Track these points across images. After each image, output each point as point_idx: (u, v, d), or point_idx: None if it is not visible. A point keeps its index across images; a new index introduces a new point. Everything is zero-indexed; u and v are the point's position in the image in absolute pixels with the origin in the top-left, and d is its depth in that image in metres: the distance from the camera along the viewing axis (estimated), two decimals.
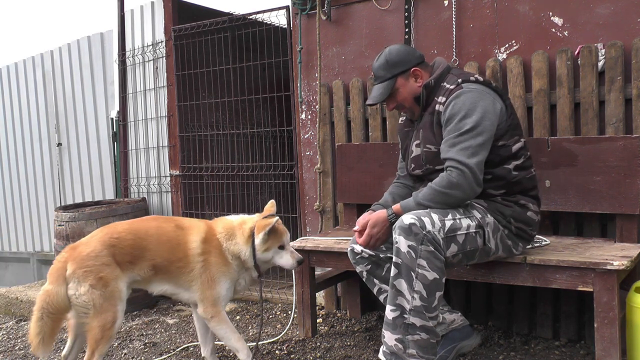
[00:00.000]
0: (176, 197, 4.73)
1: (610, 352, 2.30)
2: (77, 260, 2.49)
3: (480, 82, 2.40)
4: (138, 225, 2.69)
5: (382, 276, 2.71)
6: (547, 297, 2.99)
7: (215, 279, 2.63)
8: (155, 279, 2.66)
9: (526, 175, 2.43)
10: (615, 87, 2.78)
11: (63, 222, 4.23)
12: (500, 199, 2.40)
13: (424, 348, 2.25)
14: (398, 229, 2.25)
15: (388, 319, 2.29)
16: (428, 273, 2.21)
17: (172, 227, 2.68)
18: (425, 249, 2.20)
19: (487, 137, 2.30)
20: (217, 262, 2.64)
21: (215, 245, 2.66)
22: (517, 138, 2.42)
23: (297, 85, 3.79)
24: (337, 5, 3.61)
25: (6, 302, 4.71)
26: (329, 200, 3.69)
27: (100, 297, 2.46)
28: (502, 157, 2.37)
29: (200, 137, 4.75)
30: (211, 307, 2.64)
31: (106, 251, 2.52)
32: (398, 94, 2.54)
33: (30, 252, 6.50)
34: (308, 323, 3.23)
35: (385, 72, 2.52)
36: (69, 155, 5.93)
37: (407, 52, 2.54)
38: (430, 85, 2.48)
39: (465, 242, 2.30)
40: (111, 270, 2.51)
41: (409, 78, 2.52)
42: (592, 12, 2.88)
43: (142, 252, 2.59)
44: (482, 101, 2.33)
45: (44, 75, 6.12)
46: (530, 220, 2.44)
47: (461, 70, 2.54)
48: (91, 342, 2.48)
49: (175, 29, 4.58)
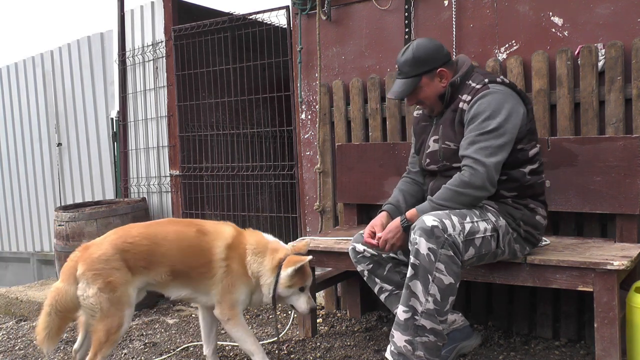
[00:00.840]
0: (176, 197, 4.73)
1: (610, 352, 2.30)
2: (87, 261, 2.47)
3: (506, 84, 2.39)
4: (155, 230, 2.63)
5: (383, 275, 2.71)
6: (547, 297, 2.99)
7: (236, 285, 2.59)
8: (173, 283, 2.61)
9: (538, 180, 2.44)
10: (615, 87, 2.78)
11: (63, 222, 4.23)
12: (511, 201, 2.40)
13: (431, 350, 2.25)
14: (419, 230, 2.22)
15: (399, 320, 2.28)
16: (445, 277, 2.20)
17: (194, 232, 2.61)
18: (445, 253, 2.20)
19: (508, 139, 2.30)
20: (238, 270, 2.60)
21: (240, 254, 2.61)
22: (534, 143, 2.42)
23: (297, 85, 3.79)
24: (337, 5, 3.61)
25: (6, 302, 4.71)
26: (329, 200, 3.69)
27: (108, 301, 2.44)
28: (519, 160, 2.38)
29: (200, 137, 4.75)
30: (229, 310, 2.60)
31: (117, 255, 2.48)
32: (421, 92, 2.49)
33: (30, 252, 6.50)
34: (308, 323, 3.23)
35: (410, 69, 2.46)
36: (69, 155, 5.93)
37: (435, 49, 2.48)
38: (456, 84, 2.45)
39: (481, 245, 2.30)
40: (121, 274, 2.47)
41: (434, 78, 2.46)
42: (592, 12, 2.88)
43: (159, 258, 2.54)
44: (508, 103, 2.32)
45: (44, 75, 6.12)
46: (539, 224, 2.45)
47: (484, 70, 2.53)
48: (95, 343, 2.47)
49: (175, 29, 4.59)
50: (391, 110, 3.40)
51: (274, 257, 2.60)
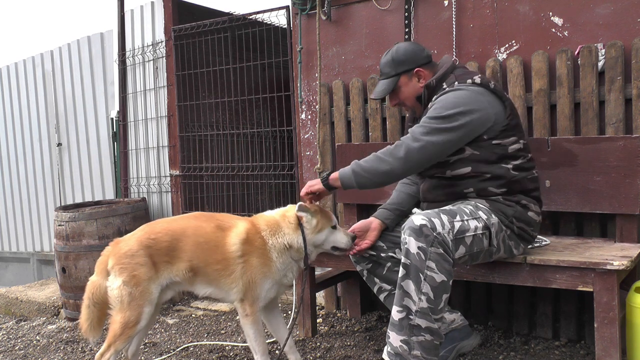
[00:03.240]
0: (176, 197, 4.73)
1: (610, 352, 2.30)
2: (116, 256, 2.54)
3: (477, 84, 2.39)
4: (177, 225, 2.63)
5: (382, 275, 2.71)
6: (547, 297, 2.99)
7: (257, 281, 2.56)
8: (197, 280, 2.60)
9: (527, 175, 2.43)
10: (615, 87, 2.78)
11: (63, 222, 4.23)
12: (502, 198, 2.40)
13: (428, 349, 2.25)
14: (408, 230, 2.23)
15: (394, 320, 2.28)
16: (436, 275, 2.20)
17: (212, 228, 2.59)
18: (434, 251, 2.20)
19: (459, 129, 2.29)
20: (258, 263, 2.55)
21: (258, 245, 2.56)
22: (516, 139, 2.40)
23: (297, 85, 3.79)
24: (337, 5, 3.61)
25: (6, 302, 4.71)
26: (329, 200, 3.69)
27: (129, 295, 2.49)
28: (498, 155, 2.37)
29: (200, 137, 4.76)
30: (250, 306, 2.58)
31: (142, 251, 2.52)
32: (400, 92, 2.56)
33: (30, 252, 6.50)
34: (308, 323, 3.24)
35: (390, 69, 2.55)
36: (69, 155, 5.93)
37: (414, 51, 2.54)
38: (431, 85, 2.49)
39: (472, 243, 2.30)
40: (145, 270, 2.51)
41: (412, 77, 2.53)
42: (592, 12, 2.88)
43: (178, 253, 2.55)
44: (470, 99, 2.32)
45: (44, 75, 6.12)
46: (532, 221, 2.44)
47: (465, 70, 2.52)
48: (110, 335, 2.51)
49: (175, 29, 4.59)
50: (391, 110, 3.40)
51: (289, 218, 2.56)
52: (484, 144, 2.35)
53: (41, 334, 3.93)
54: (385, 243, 2.68)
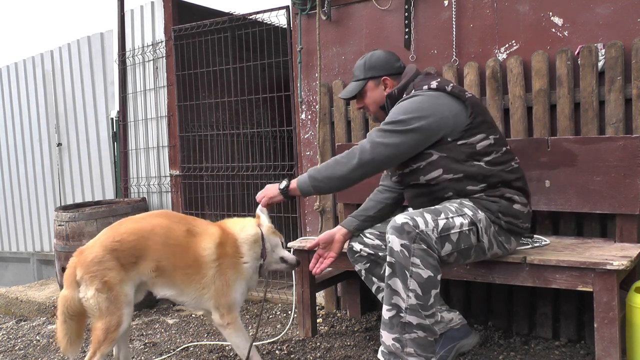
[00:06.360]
0: (176, 197, 4.73)
1: (610, 352, 2.30)
2: (83, 265, 2.49)
3: (433, 89, 2.41)
4: (143, 224, 2.60)
5: (380, 275, 2.71)
6: (547, 297, 2.99)
7: (231, 284, 2.55)
8: (158, 282, 2.57)
9: (505, 168, 2.42)
10: (615, 87, 2.78)
11: (63, 222, 4.23)
12: (484, 195, 2.39)
13: (422, 346, 2.25)
14: (390, 229, 2.25)
15: (385, 319, 2.30)
16: (422, 271, 2.21)
17: (183, 231, 2.58)
18: (418, 247, 2.21)
19: (413, 133, 2.33)
20: (231, 263, 2.57)
21: (229, 251, 2.58)
22: (484, 136, 2.39)
23: (297, 85, 3.79)
24: (337, 5, 3.61)
25: (6, 302, 4.71)
26: (328, 200, 3.69)
27: (106, 300, 2.46)
28: (466, 154, 2.38)
29: (200, 137, 4.76)
30: (228, 314, 2.57)
31: (109, 255, 2.48)
32: (366, 97, 2.64)
33: (30, 252, 6.50)
34: (308, 323, 3.24)
35: (360, 73, 2.64)
36: (69, 155, 5.93)
37: (387, 60, 2.62)
38: (393, 95, 2.55)
39: (459, 240, 2.30)
40: (115, 273, 2.48)
41: (379, 85, 2.61)
42: (592, 12, 2.88)
43: (144, 252, 2.52)
44: (426, 104, 2.36)
45: (44, 75, 6.13)
46: (519, 213, 2.43)
47: (424, 77, 2.54)
48: (94, 342, 2.49)
49: (175, 29, 4.59)
50: None
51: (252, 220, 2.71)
52: (449, 146, 2.37)
53: (41, 334, 3.93)
54: (383, 242, 2.68)
